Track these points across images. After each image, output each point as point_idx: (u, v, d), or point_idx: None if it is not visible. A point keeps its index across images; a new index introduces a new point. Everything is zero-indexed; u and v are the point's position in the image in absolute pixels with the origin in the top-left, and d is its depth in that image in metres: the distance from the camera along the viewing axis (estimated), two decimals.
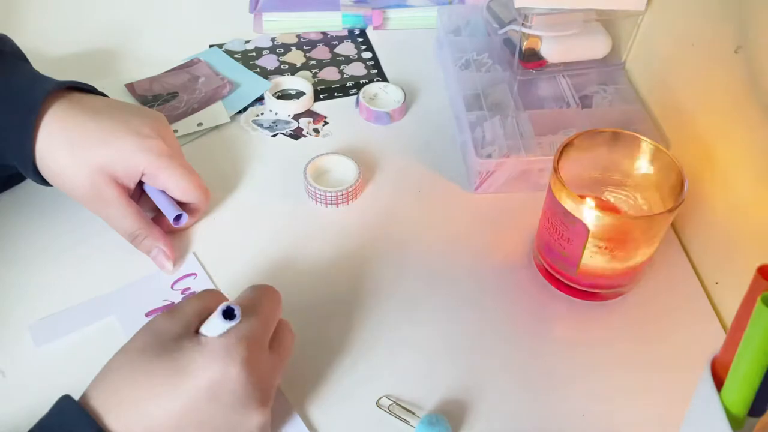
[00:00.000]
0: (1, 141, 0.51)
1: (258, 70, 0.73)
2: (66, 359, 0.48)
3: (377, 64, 0.75)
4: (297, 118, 0.68)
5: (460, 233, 0.58)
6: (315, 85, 0.72)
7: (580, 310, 0.53)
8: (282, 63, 0.75)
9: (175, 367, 0.37)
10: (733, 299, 0.52)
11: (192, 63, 0.73)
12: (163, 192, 0.54)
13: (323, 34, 0.79)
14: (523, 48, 0.65)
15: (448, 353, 0.50)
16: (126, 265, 0.54)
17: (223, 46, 0.76)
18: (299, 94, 0.71)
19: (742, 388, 0.33)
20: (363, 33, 0.80)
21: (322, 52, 0.77)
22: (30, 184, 0.57)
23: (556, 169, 0.48)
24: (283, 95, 0.71)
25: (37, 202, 0.58)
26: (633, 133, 0.51)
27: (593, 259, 0.49)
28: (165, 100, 0.69)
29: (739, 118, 0.51)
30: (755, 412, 0.34)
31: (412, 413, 0.46)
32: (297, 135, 0.67)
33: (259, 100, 0.70)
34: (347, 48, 0.78)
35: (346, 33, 0.80)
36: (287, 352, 0.44)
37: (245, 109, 0.69)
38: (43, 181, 0.52)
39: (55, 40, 0.75)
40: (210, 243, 0.56)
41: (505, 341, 0.51)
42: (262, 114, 0.69)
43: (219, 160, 0.64)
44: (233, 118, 0.68)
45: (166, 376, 0.37)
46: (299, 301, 0.52)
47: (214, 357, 0.37)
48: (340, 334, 0.50)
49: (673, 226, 0.59)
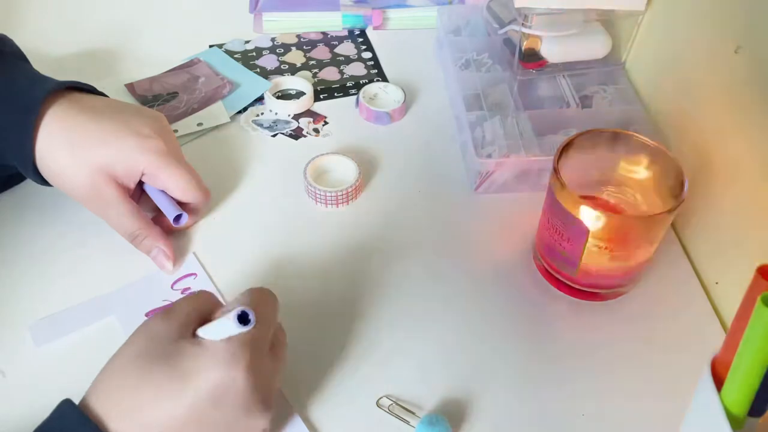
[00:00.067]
0: (1, 141, 0.51)
1: (258, 70, 0.73)
2: (66, 359, 0.48)
3: (377, 64, 0.75)
4: (297, 118, 0.68)
5: (460, 233, 0.58)
6: (315, 85, 0.72)
7: (580, 310, 0.53)
8: (282, 63, 0.75)
9: (178, 371, 0.37)
10: (733, 299, 0.52)
11: (192, 63, 0.73)
12: (163, 192, 0.54)
13: (323, 34, 0.79)
14: (523, 48, 0.65)
15: (448, 353, 0.50)
16: (126, 265, 0.54)
17: (223, 46, 0.76)
18: (299, 94, 0.71)
19: (742, 388, 0.33)
20: (363, 33, 0.80)
21: (322, 52, 0.77)
22: (30, 184, 0.57)
23: (556, 169, 0.48)
24: (283, 95, 0.71)
25: (37, 202, 0.58)
26: (633, 133, 0.51)
27: (593, 259, 0.49)
28: (165, 100, 0.69)
29: (739, 118, 0.51)
30: (755, 412, 0.34)
31: (412, 413, 0.46)
32: (297, 135, 0.67)
33: (259, 100, 0.70)
34: (347, 48, 0.78)
35: (346, 33, 0.80)
36: (284, 356, 0.43)
37: (245, 109, 0.69)
38: (43, 181, 0.52)
39: (55, 40, 0.75)
40: (210, 243, 0.56)
41: (505, 341, 0.51)
42: (262, 114, 0.69)
43: (219, 160, 0.64)
44: (233, 118, 0.68)
45: (169, 381, 0.36)
46: (299, 301, 0.52)
47: (219, 361, 0.37)
48: (340, 334, 0.50)
49: (673, 226, 0.59)
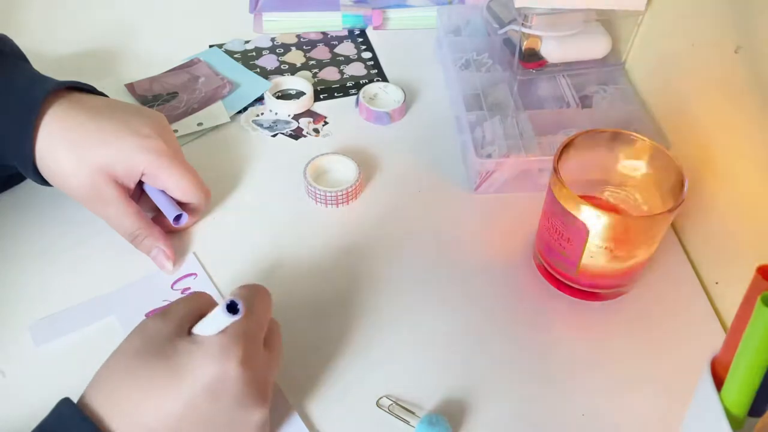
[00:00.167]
0: (1, 141, 0.51)
1: (258, 70, 0.73)
2: (66, 359, 0.48)
3: (377, 64, 0.75)
4: (297, 118, 0.68)
5: (460, 233, 0.58)
6: (315, 85, 0.72)
7: (580, 310, 0.53)
8: (282, 63, 0.75)
9: (174, 367, 0.37)
10: (733, 299, 0.52)
11: (192, 63, 0.73)
12: (163, 192, 0.54)
13: (323, 34, 0.79)
14: (523, 48, 0.65)
15: (448, 353, 0.50)
16: (126, 265, 0.54)
17: (223, 46, 0.76)
18: (299, 94, 0.71)
19: (742, 388, 0.33)
20: (363, 33, 0.80)
21: (322, 52, 0.77)
22: (30, 184, 0.57)
23: (556, 169, 0.48)
24: (283, 95, 0.71)
25: (37, 202, 0.58)
26: (633, 133, 0.51)
27: (593, 259, 0.49)
28: (165, 100, 0.69)
29: (739, 117, 0.51)
30: (755, 412, 0.34)
31: (412, 413, 0.46)
32: (297, 135, 0.67)
33: (259, 100, 0.70)
34: (347, 48, 0.78)
35: (346, 33, 0.80)
36: (280, 350, 0.44)
37: (245, 109, 0.69)
38: (43, 181, 0.52)
39: (55, 40, 0.75)
40: (210, 243, 0.56)
41: (505, 341, 0.51)
42: (262, 114, 0.69)
43: (219, 160, 0.64)
44: (233, 118, 0.68)
45: (165, 377, 0.37)
46: (299, 301, 0.52)
47: (212, 356, 0.37)
48: (340, 334, 0.50)
49: (673, 226, 0.59)
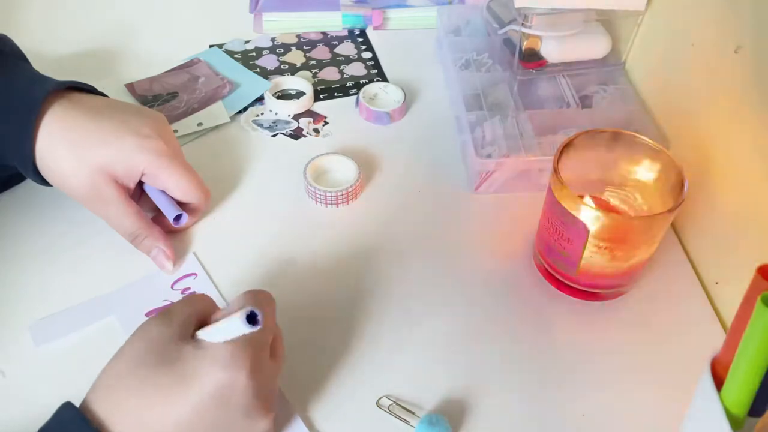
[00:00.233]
0: (1, 141, 0.51)
1: (258, 70, 0.73)
2: (66, 359, 0.48)
3: (377, 64, 0.75)
4: (297, 118, 0.68)
5: (460, 233, 0.58)
6: (315, 85, 0.72)
7: (580, 310, 0.53)
8: (282, 63, 0.75)
9: (181, 374, 0.36)
10: (733, 299, 0.52)
11: (192, 63, 0.73)
12: (163, 192, 0.54)
13: (323, 34, 0.79)
14: (523, 48, 0.65)
15: (448, 353, 0.50)
16: (126, 265, 0.54)
17: (223, 46, 0.76)
18: (299, 94, 0.71)
19: (742, 388, 0.33)
20: (363, 33, 0.80)
21: (322, 52, 0.77)
22: (30, 184, 0.57)
23: (556, 169, 0.48)
24: (283, 95, 0.71)
25: (37, 202, 0.58)
26: (633, 133, 0.51)
27: (593, 259, 0.49)
28: (165, 100, 0.69)
29: (739, 118, 0.51)
30: (755, 412, 0.34)
31: (412, 413, 0.46)
32: (297, 135, 0.67)
33: (259, 100, 0.70)
34: (347, 48, 0.78)
35: (346, 33, 0.80)
36: (282, 358, 0.43)
37: (245, 109, 0.69)
38: (43, 181, 0.52)
39: (54, 40, 0.75)
40: (210, 243, 0.56)
41: (505, 341, 0.51)
42: (262, 114, 0.69)
43: (219, 160, 0.64)
44: (233, 118, 0.68)
45: (172, 384, 0.36)
46: (299, 301, 0.52)
47: (221, 364, 0.36)
48: (341, 334, 0.50)
49: (673, 226, 0.59)
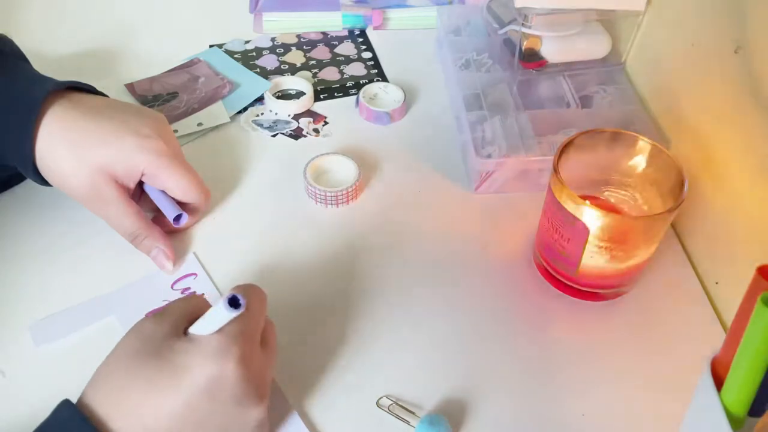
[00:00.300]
0: (1, 141, 0.51)
1: (258, 70, 0.73)
2: (66, 359, 0.48)
3: (377, 64, 0.75)
4: (297, 118, 0.68)
5: (460, 233, 0.58)
6: (315, 85, 0.72)
7: (580, 310, 0.53)
8: (282, 63, 0.75)
9: (171, 367, 0.37)
10: (733, 299, 0.52)
11: (192, 63, 0.73)
12: (163, 192, 0.54)
13: (323, 34, 0.79)
14: (523, 48, 0.65)
15: (448, 353, 0.50)
16: (126, 265, 0.54)
17: (223, 46, 0.76)
18: (299, 94, 0.71)
19: (742, 388, 0.33)
20: (363, 33, 0.80)
21: (322, 52, 0.77)
22: (30, 184, 0.57)
23: (556, 169, 0.48)
24: (283, 95, 0.71)
25: (37, 202, 0.58)
26: (633, 133, 0.51)
27: (593, 259, 0.49)
28: (165, 100, 0.69)
29: (739, 118, 0.51)
30: (755, 412, 0.34)
31: (412, 413, 0.46)
32: (297, 135, 0.67)
33: (259, 100, 0.70)
34: (347, 48, 0.78)
35: (346, 33, 0.80)
36: (275, 349, 0.44)
37: (245, 109, 0.69)
38: (43, 182, 0.52)
39: (55, 40, 0.75)
40: (210, 243, 0.56)
41: (505, 341, 0.51)
42: (262, 114, 0.69)
43: (219, 160, 0.64)
44: (233, 118, 0.68)
45: (163, 377, 0.37)
46: (299, 301, 0.52)
47: (210, 355, 0.37)
48: (340, 334, 0.50)
49: (673, 226, 0.59)
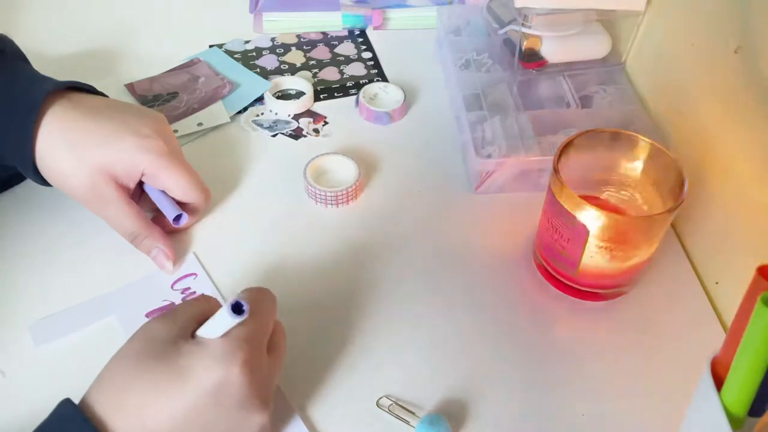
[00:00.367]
0: (1, 141, 0.51)
1: (258, 70, 0.73)
2: (66, 359, 0.48)
3: (377, 64, 0.75)
4: (297, 118, 0.68)
5: (460, 233, 0.58)
6: (315, 85, 0.72)
7: (580, 310, 0.53)
8: (282, 63, 0.75)
9: (177, 370, 0.37)
10: (733, 299, 0.52)
11: (192, 63, 0.73)
12: (163, 192, 0.54)
13: (323, 34, 0.79)
14: (523, 48, 0.65)
15: (448, 353, 0.50)
16: (126, 265, 0.54)
17: (223, 46, 0.76)
18: (299, 94, 0.71)
19: (742, 388, 0.33)
20: (363, 33, 0.80)
21: (322, 52, 0.77)
22: (30, 184, 0.57)
23: (556, 169, 0.48)
24: (283, 95, 0.71)
25: (37, 202, 0.58)
26: (633, 133, 0.51)
27: (593, 259, 0.49)
28: (165, 100, 0.69)
29: (739, 118, 0.51)
30: (755, 412, 0.34)
31: (412, 413, 0.46)
32: (297, 135, 0.67)
33: (259, 100, 0.70)
34: (347, 48, 0.78)
35: (346, 33, 0.80)
36: (283, 354, 0.44)
37: (245, 109, 0.69)
38: (43, 182, 0.52)
39: (55, 40, 0.75)
40: (210, 243, 0.56)
41: (505, 341, 0.51)
42: (262, 114, 0.69)
43: (219, 160, 0.64)
44: (233, 118, 0.68)
45: (168, 380, 0.37)
46: (299, 301, 0.52)
47: (216, 359, 0.37)
48: (341, 334, 0.50)
49: (673, 226, 0.59)
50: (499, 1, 0.69)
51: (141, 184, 0.54)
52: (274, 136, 0.66)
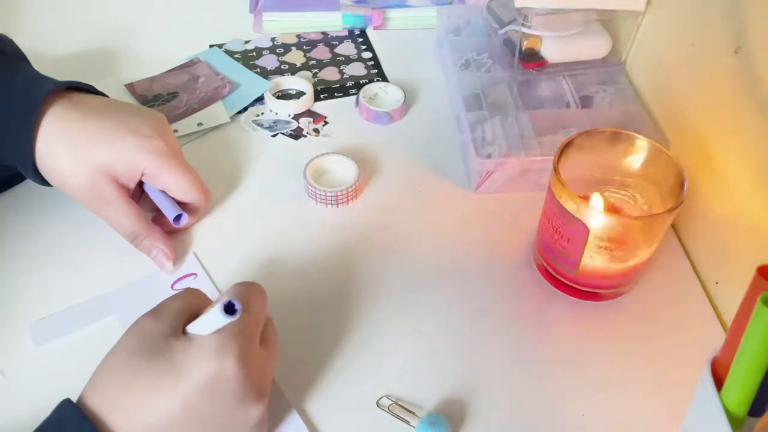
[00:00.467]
0: (1, 141, 0.51)
1: (258, 70, 0.73)
2: (66, 359, 0.48)
3: (377, 64, 0.75)
4: (297, 118, 0.68)
5: (460, 233, 0.58)
6: (315, 85, 0.72)
7: (580, 310, 0.53)
8: (282, 63, 0.75)
9: (171, 366, 0.37)
10: (733, 299, 0.52)
11: (192, 63, 0.73)
12: (163, 192, 0.54)
13: (323, 34, 0.79)
14: (523, 48, 0.65)
15: (448, 353, 0.50)
16: (126, 265, 0.54)
17: (223, 46, 0.76)
18: (299, 94, 0.71)
19: (742, 388, 0.33)
20: (363, 33, 0.80)
21: (322, 52, 0.77)
22: (30, 184, 0.57)
23: (556, 169, 0.48)
24: (283, 95, 0.71)
25: (37, 202, 0.58)
26: (633, 133, 0.51)
27: (593, 259, 0.49)
28: (165, 100, 0.69)
29: (739, 118, 0.51)
30: (755, 412, 0.34)
31: (412, 413, 0.46)
32: (297, 135, 0.67)
33: (259, 100, 0.70)
34: (347, 48, 0.78)
35: (346, 33, 0.80)
36: (275, 347, 0.44)
37: (245, 109, 0.69)
38: (43, 182, 0.52)
39: (55, 40, 0.75)
40: (210, 243, 0.56)
41: (505, 341, 0.51)
42: (262, 114, 0.69)
43: (219, 160, 0.64)
44: (233, 118, 0.68)
45: (163, 377, 0.37)
46: (300, 301, 0.52)
47: (209, 354, 0.37)
48: (340, 334, 0.50)
49: (673, 226, 0.59)
50: (499, 1, 0.69)
51: (141, 184, 0.54)
52: (274, 136, 0.66)
